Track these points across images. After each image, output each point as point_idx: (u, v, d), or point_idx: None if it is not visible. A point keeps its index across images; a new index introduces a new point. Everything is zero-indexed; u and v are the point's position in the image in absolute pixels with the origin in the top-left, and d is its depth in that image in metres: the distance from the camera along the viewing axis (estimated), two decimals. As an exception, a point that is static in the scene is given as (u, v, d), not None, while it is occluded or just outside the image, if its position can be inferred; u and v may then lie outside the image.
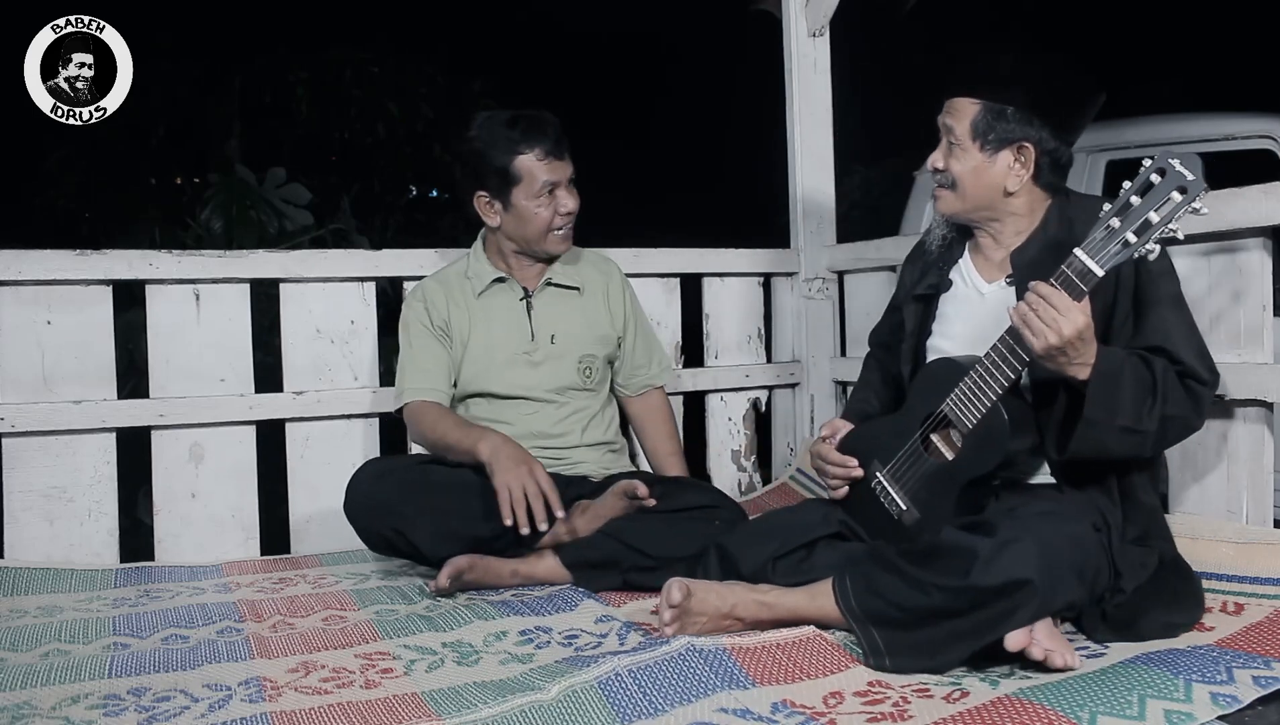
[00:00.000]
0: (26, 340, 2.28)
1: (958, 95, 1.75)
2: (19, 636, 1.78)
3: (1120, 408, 1.55)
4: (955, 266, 1.88)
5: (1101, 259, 1.47)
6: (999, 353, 1.61)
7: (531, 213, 2.22)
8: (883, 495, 1.83)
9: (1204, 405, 1.64)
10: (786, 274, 3.05)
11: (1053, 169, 1.73)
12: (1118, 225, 1.46)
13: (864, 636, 1.54)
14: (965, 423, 1.67)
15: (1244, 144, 3.36)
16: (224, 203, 4.03)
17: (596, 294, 2.39)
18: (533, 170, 2.19)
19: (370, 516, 2.07)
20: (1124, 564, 1.59)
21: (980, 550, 1.47)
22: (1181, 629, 1.59)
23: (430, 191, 7.74)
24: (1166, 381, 1.59)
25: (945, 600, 1.47)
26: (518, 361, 2.28)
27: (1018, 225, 1.78)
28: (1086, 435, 1.56)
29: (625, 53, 8.52)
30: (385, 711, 1.40)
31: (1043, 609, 1.45)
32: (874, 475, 1.85)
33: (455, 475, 2.10)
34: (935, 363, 1.79)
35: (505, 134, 2.19)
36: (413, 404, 2.27)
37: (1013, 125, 1.70)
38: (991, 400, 1.62)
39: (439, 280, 2.36)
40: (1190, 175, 1.40)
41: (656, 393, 2.50)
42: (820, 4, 2.94)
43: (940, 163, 1.78)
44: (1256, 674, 1.36)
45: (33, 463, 2.28)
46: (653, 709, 1.35)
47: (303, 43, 6.56)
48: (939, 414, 1.72)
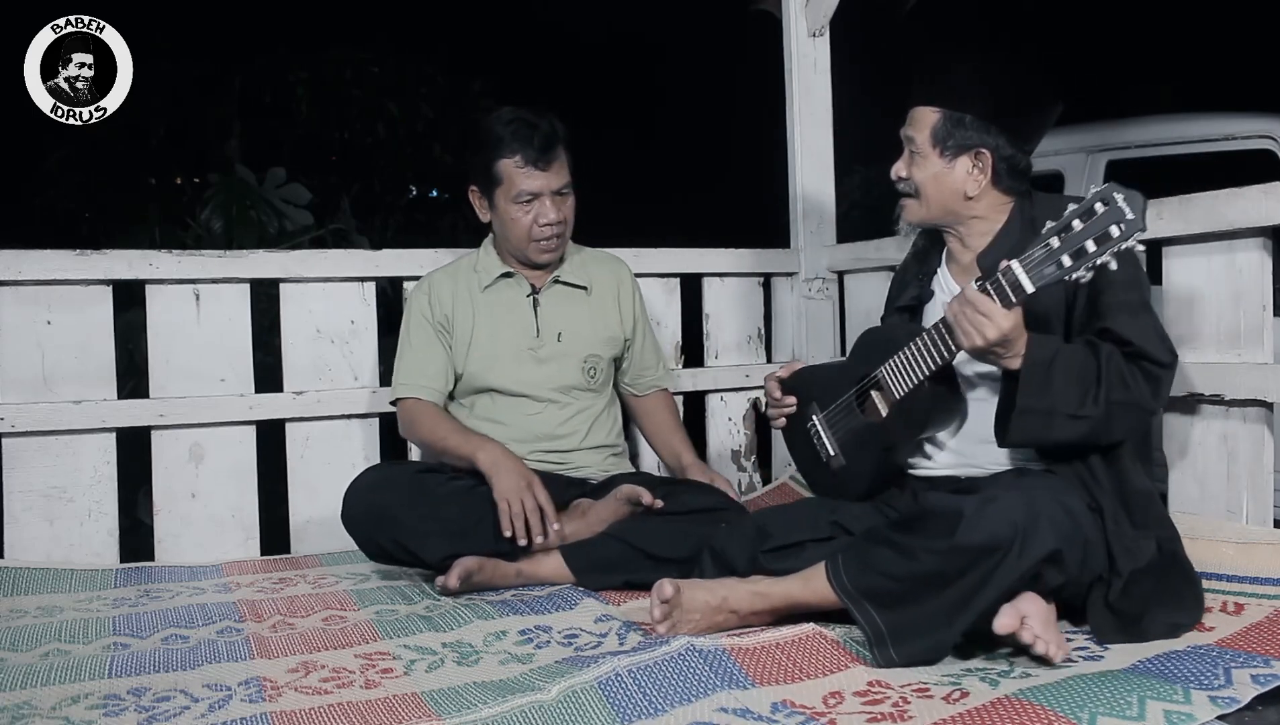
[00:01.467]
0: (26, 340, 2.28)
1: (918, 105, 1.80)
2: (19, 636, 1.78)
3: (1056, 395, 1.58)
4: (934, 276, 1.92)
5: (1035, 276, 1.50)
6: (932, 338, 1.68)
7: (510, 218, 2.20)
8: (815, 437, 1.96)
9: (1162, 387, 1.65)
10: (786, 274, 3.05)
11: (1010, 174, 1.77)
12: (1056, 245, 1.48)
13: (863, 618, 1.55)
14: (894, 392, 1.78)
15: (1244, 144, 3.36)
16: (224, 203, 4.03)
17: (606, 294, 2.38)
18: (512, 176, 2.17)
19: (370, 527, 2.06)
20: (1118, 546, 1.60)
21: (965, 509, 1.51)
22: (1184, 629, 1.59)
23: (430, 191, 7.74)
24: (1111, 366, 1.60)
25: (935, 563, 1.50)
26: (523, 357, 2.27)
27: (982, 227, 1.81)
28: (1022, 423, 1.60)
29: (625, 53, 8.52)
30: (385, 711, 1.40)
31: (1024, 561, 1.47)
32: (810, 417, 1.97)
33: (455, 484, 2.09)
34: (878, 328, 1.92)
35: (496, 132, 2.17)
36: (407, 402, 2.27)
37: (970, 132, 1.75)
38: (919, 378, 1.72)
39: (448, 271, 2.35)
40: (1130, 213, 1.42)
41: (663, 392, 2.51)
42: (820, 4, 2.94)
43: (903, 171, 1.83)
44: (1256, 673, 1.37)
45: (33, 463, 2.28)
46: (653, 709, 1.35)
47: (303, 43, 6.55)
48: (873, 377, 1.83)
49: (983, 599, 1.49)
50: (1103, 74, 7.05)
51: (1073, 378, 1.58)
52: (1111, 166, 3.69)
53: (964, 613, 1.50)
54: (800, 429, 2.01)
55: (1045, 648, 1.46)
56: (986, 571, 1.48)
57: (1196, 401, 1.95)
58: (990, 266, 1.73)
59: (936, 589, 1.50)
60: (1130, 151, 3.64)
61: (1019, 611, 1.48)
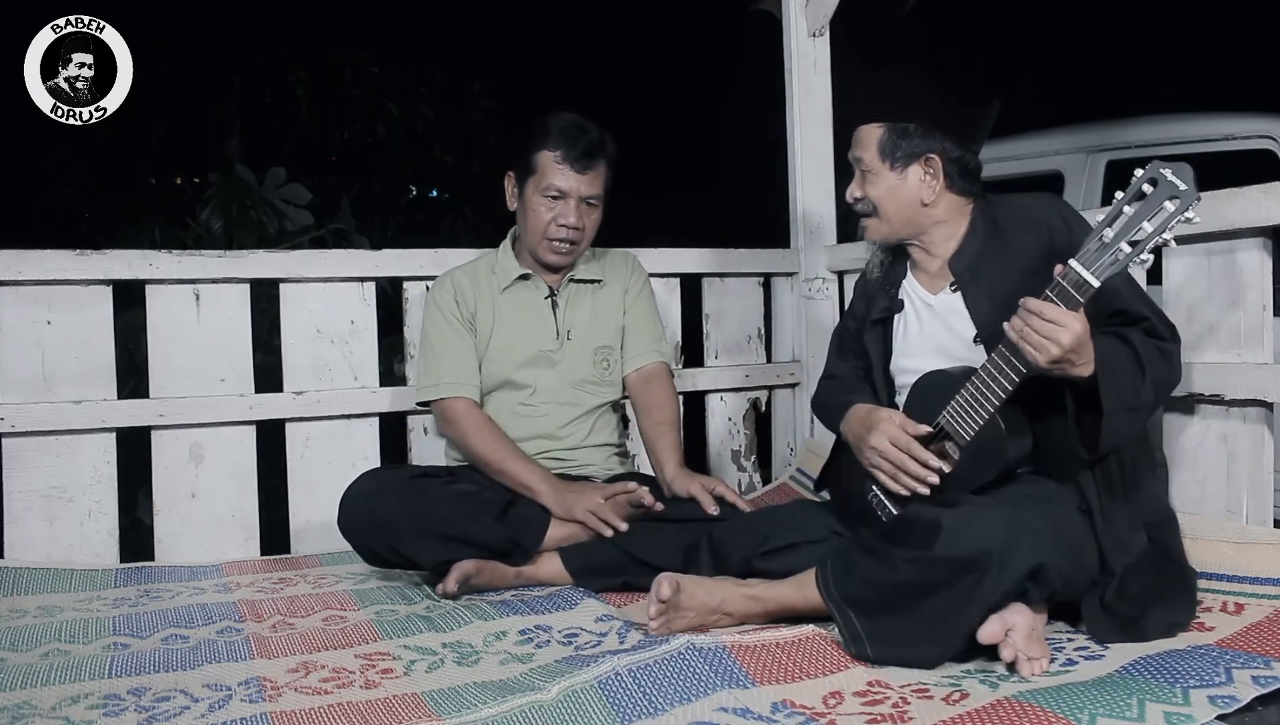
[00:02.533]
0: (26, 340, 2.28)
1: (861, 123, 1.82)
2: (19, 636, 1.79)
3: (1124, 391, 1.56)
4: (901, 287, 1.91)
5: (1097, 270, 1.48)
6: (995, 366, 1.60)
7: (532, 209, 2.21)
8: (879, 507, 1.81)
9: (1176, 362, 1.65)
10: (786, 274, 3.05)
11: (962, 175, 1.78)
12: (1111, 236, 1.47)
13: (842, 622, 1.55)
14: (963, 435, 1.67)
15: (1244, 144, 3.36)
16: (224, 203, 4.03)
17: (616, 286, 2.38)
18: (546, 168, 2.19)
19: (367, 535, 2.06)
20: (1109, 543, 1.60)
21: (945, 521, 1.49)
22: (1181, 628, 1.59)
23: (430, 191, 7.74)
24: (1146, 349, 1.59)
25: (912, 573, 1.49)
26: (538, 360, 2.27)
27: (945, 232, 1.82)
28: (1112, 428, 1.56)
29: (625, 53, 8.52)
30: (385, 712, 1.40)
31: (1005, 578, 1.46)
32: (870, 488, 1.83)
33: (453, 488, 2.09)
34: (929, 376, 1.79)
35: (547, 125, 2.20)
36: (451, 401, 2.24)
37: (916, 140, 1.76)
38: (989, 413, 1.63)
39: (467, 272, 2.34)
40: (1182, 184, 1.42)
41: (660, 370, 2.37)
42: (820, 4, 2.94)
43: (858, 192, 1.84)
44: (1256, 673, 1.36)
45: (33, 463, 2.28)
46: (653, 708, 1.36)
47: (303, 43, 6.55)
48: (935, 428, 1.72)
49: (965, 617, 1.47)
50: (1103, 74, 7.06)
51: (1127, 369, 1.56)
52: (1111, 166, 3.68)
53: (946, 630, 1.48)
54: (859, 502, 1.86)
55: (1026, 666, 1.45)
56: (966, 589, 1.46)
57: (1196, 401, 1.95)
58: (965, 269, 1.76)
59: (915, 600, 1.49)
60: (1130, 151, 3.64)
61: (1005, 623, 1.48)
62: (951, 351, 1.80)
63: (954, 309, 1.80)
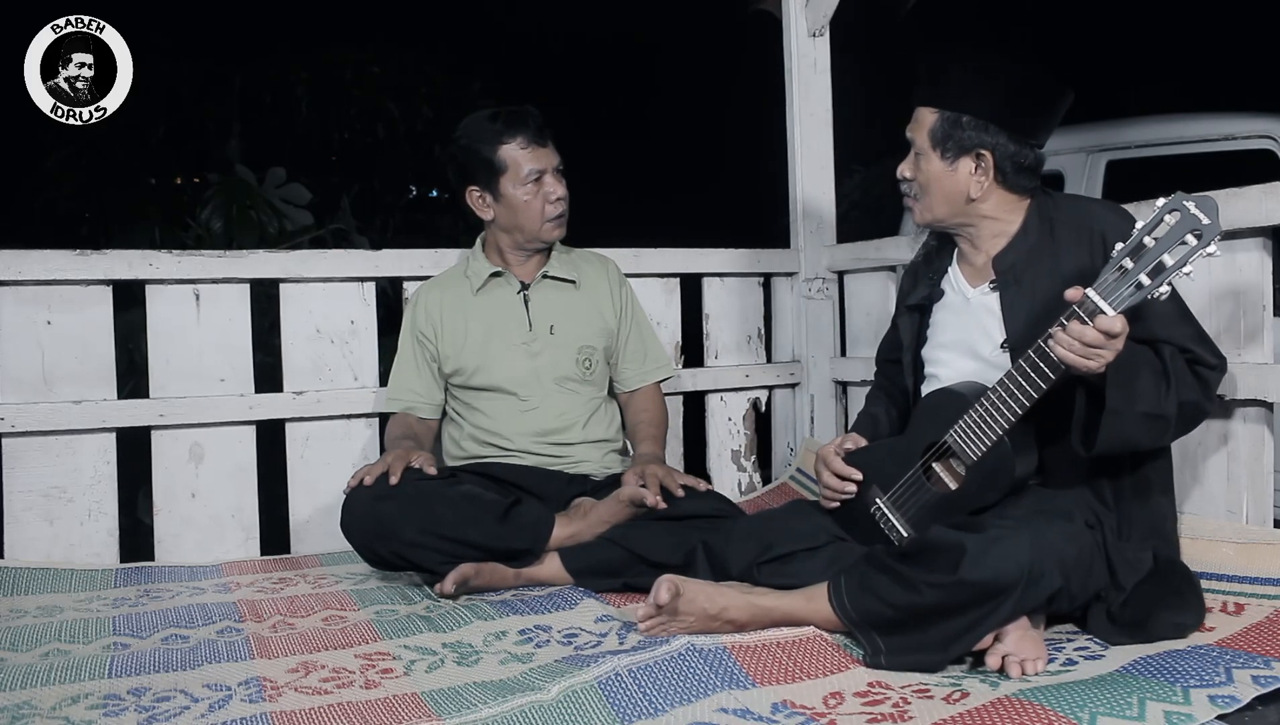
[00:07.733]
0: (26, 340, 2.28)
1: (919, 105, 1.79)
2: (19, 636, 1.78)
3: (1139, 394, 1.54)
4: (945, 276, 1.89)
5: (1115, 301, 1.45)
6: (1010, 387, 1.58)
7: (521, 201, 2.24)
8: (883, 521, 1.81)
9: (1213, 389, 1.65)
10: (786, 274, 3.05)
11: (1018, 172, 1.73)
12: (1131, 266, 1.44)
13: (865, 639, 1.56)
14: (969, 455, 1.66)
15: (1244, 144, 3.35)
16: (224, 203, 4.02)
17: (594, 288, 2.40)
18: (517, 158, 2.23)
19: (370, 537, 2.05)
20: (1119, 561, 1.59)
21: (969, 545, 1.48)
22: (1190, 629, 1.59)
23: (430, 191, 7.73)
24: (1176, 366, 1.59)
25: (936, 597, 1.48)
26: (516, 352, 2.29)
27: (994, 229, 1.78)
28: (1111, 425, 1.54)
29: (625, 53, 8.52)
30: (385, 712, 1.40)
31: (1027, 601, 1.46)
32: (874, 501, 1.83)
33: (454, 490, 2.08)
34: (936, 393, 1.79)
35: (488, 127, 2.25)
36: (401, 414, 2.35)
37: (969, 133, 1.72)
38: (998, 434, 1.61)
39: (439, 282, 2.41)
40: (1205, 218, 1.39)
41: (651, 388, 2.46)
42: (820, 4, 2.94)
43: (907, 172, 1.81)
44: (1256, 673, 1.36)
45: (33, 463, 2.28)
46: (653, 709, 1.36)
47: (303, 43, 6.55)
48: (941, 444, 1.71)
49: (981, 633, 1.48)
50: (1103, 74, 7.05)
51: (1147, 376, 1.55)
52: (1111, 166, 3.68)
53: (959, 643, 1.49)
54: (862, 516, 1.85)
55: (1016, 667, 1.45)
56: (990, 609, 1.46)
57: (1196, 401, 1.95)
58: (1008, 270, 1.73)
59: (938, 619, 1.49)
60: (1130, 151, 3.64)
61: (996, 631, 1.49)
62: (977, 351, 1.78)
63: (989, 308, 1.76)
